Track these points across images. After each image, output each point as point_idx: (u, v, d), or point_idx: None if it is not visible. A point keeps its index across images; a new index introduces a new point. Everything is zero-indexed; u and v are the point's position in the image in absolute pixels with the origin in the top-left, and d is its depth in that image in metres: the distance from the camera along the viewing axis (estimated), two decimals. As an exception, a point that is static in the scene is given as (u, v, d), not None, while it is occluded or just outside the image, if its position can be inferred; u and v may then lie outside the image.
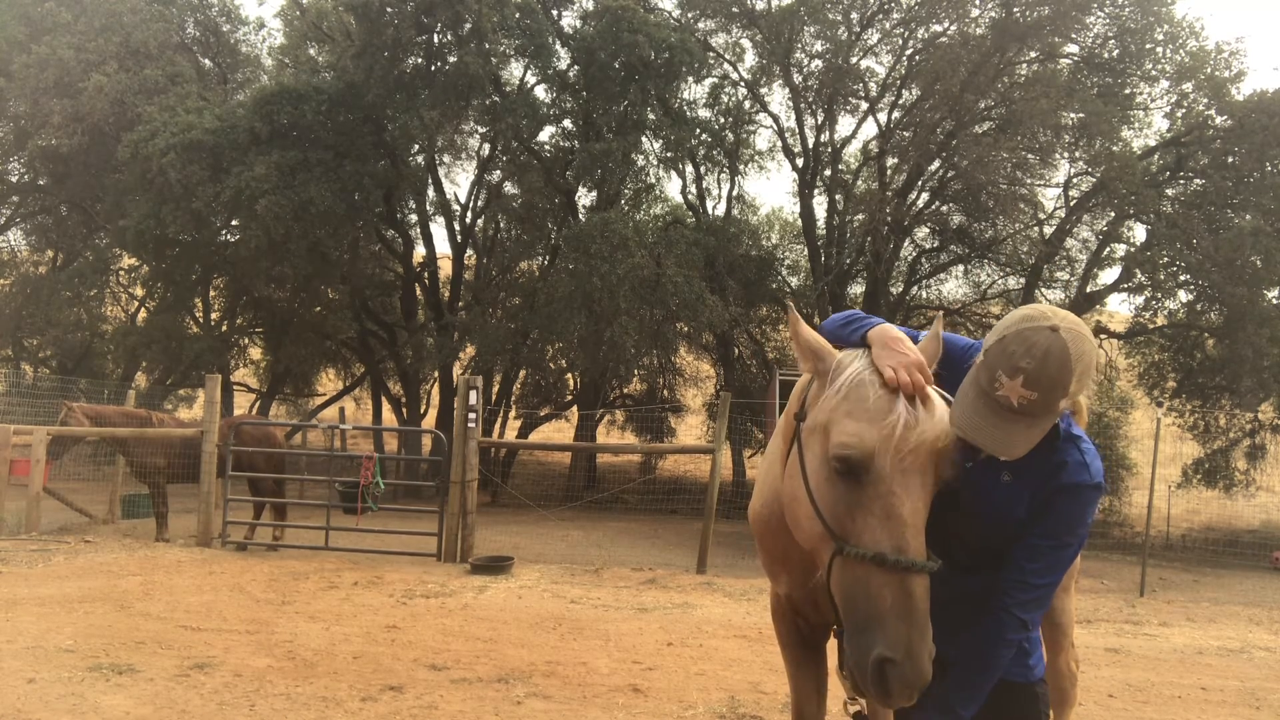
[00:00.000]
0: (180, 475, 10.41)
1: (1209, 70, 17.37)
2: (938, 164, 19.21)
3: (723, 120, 21.18)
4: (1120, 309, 19.93)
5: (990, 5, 18.36)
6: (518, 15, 18.11)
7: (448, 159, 23.04)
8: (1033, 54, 18.60)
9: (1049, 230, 19.36)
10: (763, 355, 23.25)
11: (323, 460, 15.79)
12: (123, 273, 25.60)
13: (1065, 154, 18.58)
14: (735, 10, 20.06)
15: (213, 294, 24.42)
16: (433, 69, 18.32)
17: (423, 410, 23.60)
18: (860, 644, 1.73)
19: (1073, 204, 19.09)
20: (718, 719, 4.40)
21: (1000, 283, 21.71)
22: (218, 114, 17.96)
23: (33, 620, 5.56)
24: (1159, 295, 18.18)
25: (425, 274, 22.67)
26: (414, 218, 22.58)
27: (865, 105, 20.48)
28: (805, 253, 22.02)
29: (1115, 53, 18.23)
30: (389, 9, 17.19)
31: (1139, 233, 19.20)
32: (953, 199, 20.09)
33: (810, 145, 20.90)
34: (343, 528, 9.53)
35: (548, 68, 19.23)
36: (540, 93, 20.54)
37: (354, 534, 9.53)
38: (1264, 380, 15.94)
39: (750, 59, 21.52)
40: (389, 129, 18.38)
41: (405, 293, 22.73)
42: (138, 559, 7.92)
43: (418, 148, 19.81)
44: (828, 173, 21.10)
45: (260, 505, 10.63)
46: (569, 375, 22.39)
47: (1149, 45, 17.79)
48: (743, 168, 22.27)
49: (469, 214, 22.75)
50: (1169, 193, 18.04)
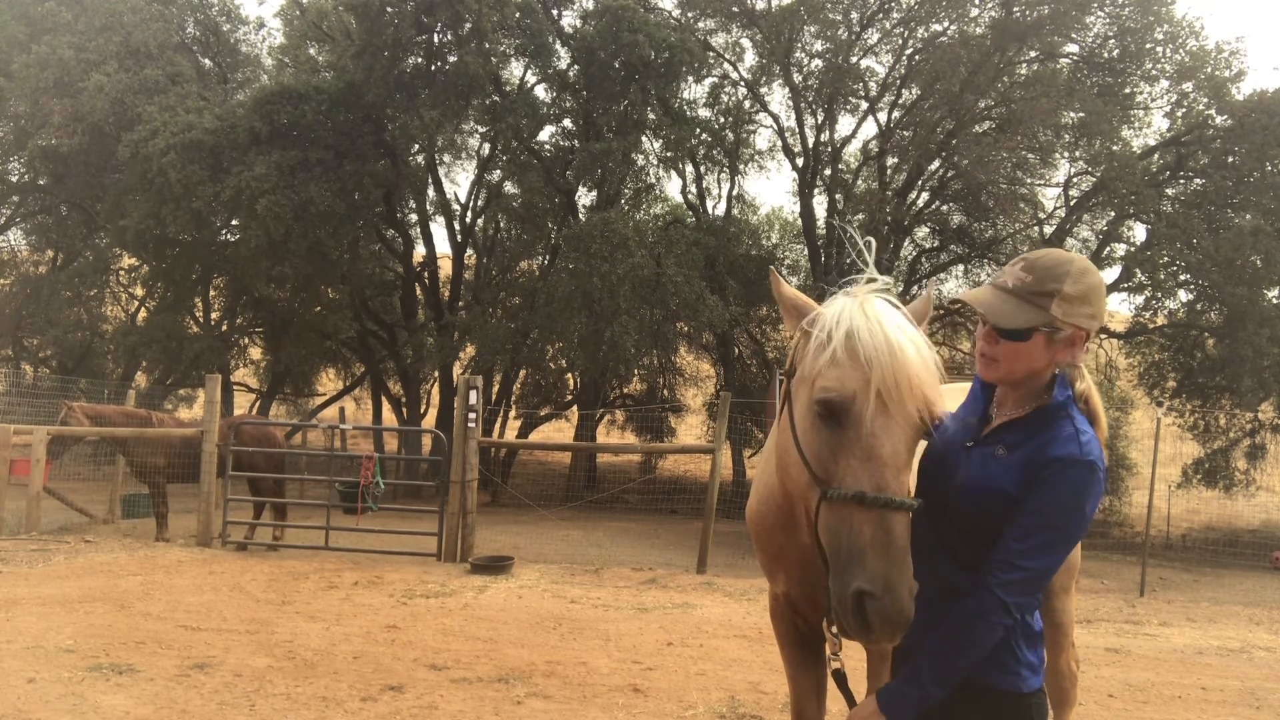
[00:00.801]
0: (180, 475, 10.39)
1: (1209, 70, 17.38)
2: (938, 164, 19.22)
3: (723, 120, 21.17)
4: (1120, 309, 19.93)
5: (990, 5, 18.38)
6: (518, 15, 18.12)
7: (448, 159, 23.08)
8: (1032, 54, 18.60)
9: (1049, 230, 19.35)
10: (763, 355, 23.24)
11: (323, 460, 15.78)
12: (123, 272, 25.62)
13: (1065, 153, 18.60)
14: (735, 10, 20.06)
15: (213, 294, 24.42)
16: (433, 69, 18.33)
17: (423, 410, 23.59)
18: (841, 580, 1.75)
19: (1073, 203, 19.10)
20: (718, 719, 4.40)
21: (1000, 283, 21.69)
22: (218, 114, 17.96)
23: (33, 620, 5.56)
24: (1159, 295, 18.19)
25: (425, 274, 22.67)
26: (414, 217, 22.59)
27: (865, 105, 20.50)
28: (805, 252, 22.03)
29: (1115, 52, 18.24)
30: (389, 9, 17.19)
31: (1139, 232, 19.23)
32: (953, 199, 20.10)
33: (810, 145, 20.90)
34: (343, 528, 9.53)
35: (548, 67, 19.23)
36: (540, 92, 20.58)
37: (354, 534, 9.53)
38: (1264, 380, 15.93)
39: (750, 58, 21.58)
40: (389, 129, 18.38)
41: (405, 292, 22.73)
42: (138, 559, 7.92)
43: (418, 147, 19.81)
44: (828, 172, 21.10)
45: (260, 505, 10.62)
46: (569, 375, 22.37)
47: (1149, 45, 17.81)
48: (743, 167, 22.30)
49: (469, 214, 22.76)
50: (1169, 192, 18.05)
